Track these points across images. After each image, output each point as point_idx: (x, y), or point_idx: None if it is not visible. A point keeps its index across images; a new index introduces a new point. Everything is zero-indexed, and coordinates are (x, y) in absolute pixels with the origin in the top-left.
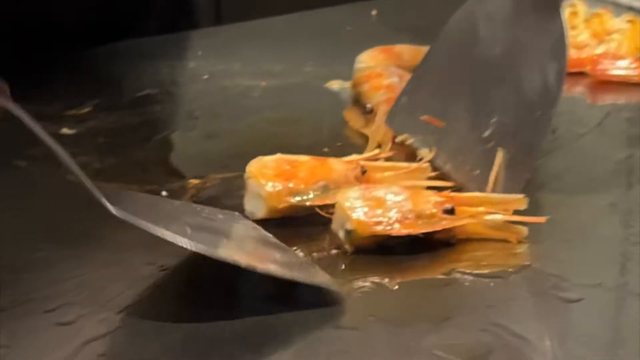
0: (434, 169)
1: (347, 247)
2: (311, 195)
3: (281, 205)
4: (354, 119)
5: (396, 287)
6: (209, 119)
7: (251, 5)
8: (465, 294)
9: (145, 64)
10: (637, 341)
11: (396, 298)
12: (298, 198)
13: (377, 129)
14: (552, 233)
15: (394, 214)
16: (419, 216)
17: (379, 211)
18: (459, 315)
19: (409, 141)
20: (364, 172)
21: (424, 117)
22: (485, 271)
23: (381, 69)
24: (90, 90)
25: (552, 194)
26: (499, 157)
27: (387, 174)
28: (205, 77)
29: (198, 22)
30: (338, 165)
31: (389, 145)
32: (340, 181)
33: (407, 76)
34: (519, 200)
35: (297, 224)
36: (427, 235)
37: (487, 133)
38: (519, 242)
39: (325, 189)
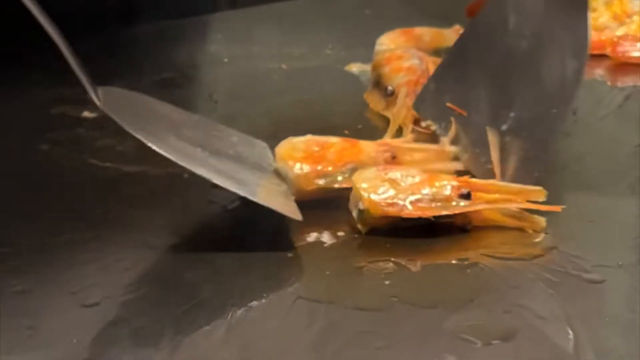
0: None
1: (359, 226)
2: (339, 178)
3: (309, 188)
4: (374, 101)
5: (418, 269)
6: (229, 102)
7: None
8: (488, 276)
9: (165, 47)
10: None
11: (418, 280)
12: (326, 180)
13: (399, 112)
14: (574, 215)
15: (407, 196)
16: (433, 199)
17: (393, 192)
18: (482, 297)
19: (433, 127)
20: (393, 157)
21: (448, 105)
22: (506, 255)
23: (402, 51)
24: (111, 74)
25: (572, 176)
26: (493, 140)
27: (416, 156)
28: (225, 60)
29: (215, 5)
30: (368, 148)
31: (410, 127)
32: (369, 163)
33: (428, 58)
34: (538, 192)
35: (324, 206)
36: (442, 219)
37: (504, 127)
38: (536, 232)
39: (354, 172)
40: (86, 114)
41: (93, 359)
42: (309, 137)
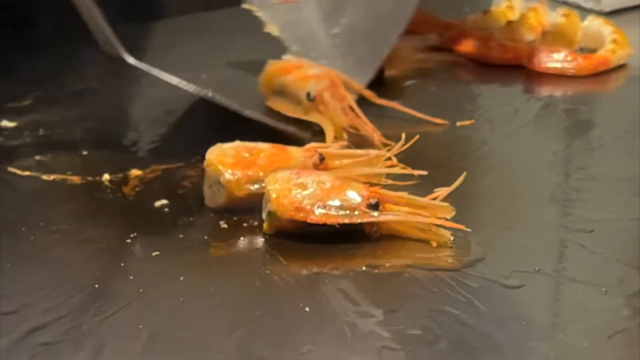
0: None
1: (265, 227)
2: None
3: (241, 193)
4: (284, 107)
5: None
6: (151, 111)
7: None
8: (406, 283)
9: (87, 55)
10: (576, 324)
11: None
12: (257, 186)
13: (336, 116)
14: (491, 222)
15: (316, 202)
16: (341, 207)
17: (302, 197)
18: (401, 304)
19: (259, 13)
20: (322, 159)
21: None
22: (424, 262)
23: (297, 62)
24: (31, 82)
25: (490, 184)
26: None
27: (345, 161)
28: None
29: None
30: (297, 153)
31: (344, 134)
32: (299, 168)
33: (325, 68)
34: (446, 209)
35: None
36: (350, 226)
37: (336, 30)
38: (441, 245)
39: None
40: (5, 122)
41: None
42: (237, 143)
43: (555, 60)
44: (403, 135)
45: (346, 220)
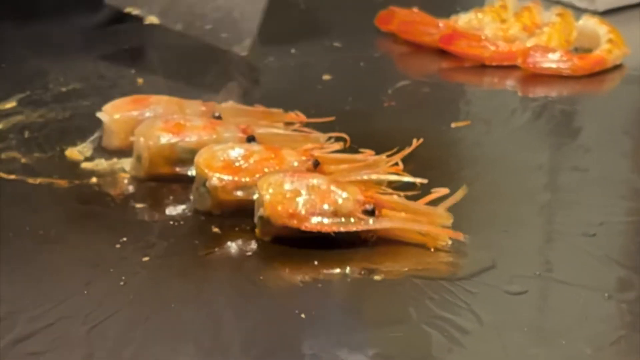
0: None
1: (258, 232)
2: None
3: (228, 198)
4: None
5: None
6: None
7: None
8: (404, 289)
9: (71, 57)
10: (579, 331)
11: (328, 294)
12: (245, 192)
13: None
14: (488, 225)
15: (310, 208)
16: (336, 213)
17: (296, 203)
18: (400, 310)
19: (135, 12)
20: (317, 164)
21: None
22: (421, 267)
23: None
24: (15, 84)
25: (485, 186)
26: None
27: (342, 166)
28: (133, 71)
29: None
30: (290, 157)
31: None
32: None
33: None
34: (444, 216)
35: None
36: (344, 231)
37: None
38: (438, 249)
39: None
40: None
41: None
42: (230, 144)
43: (550, 60)
44: (414, 142)
45: (341, 229)
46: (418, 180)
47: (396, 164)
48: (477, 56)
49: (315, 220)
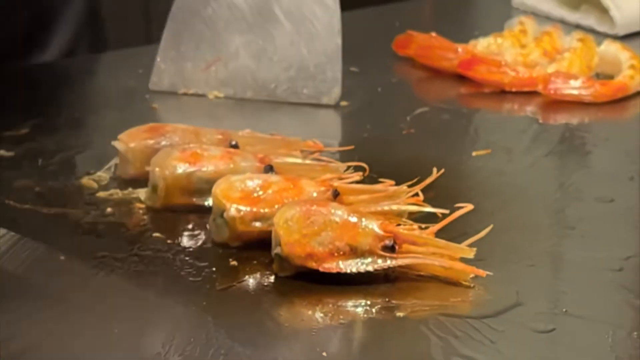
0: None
1: (275, 268)
2: None
3: (246, 230)
4: None
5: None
6: None
7: None
8: (427, 326)
9: (83, 81)
10: None
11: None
12: (263, 223)
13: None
14: (512, 258)
15: (327, 246)
16: (355, 250)
17: (314, 242)
18: (423, 348)
19: (189, 91)
20: (336, 195)
21: (209, 65)
22: (443, 304)
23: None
24: (28, 110)
25: (508, 217)
26: None
27: (361, 196)
28: (147, 96)
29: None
30: (309, 187)
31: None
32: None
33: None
34: (467, 251)
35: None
36: None
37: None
38: (462, 285)
39: None
40: (2, 152)
41: None
42: (248, 175)
43: (571, 87)
44: (434, 172)
45: (361, 270)
46: (439, 211)
47: (417, 194)
48: (497, 82)
49: (334, 261)
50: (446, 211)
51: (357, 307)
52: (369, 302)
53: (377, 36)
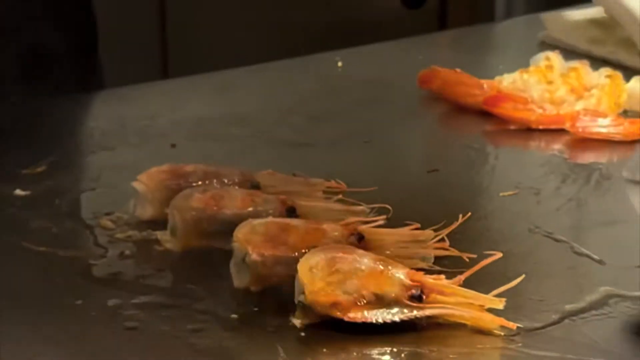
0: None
1: (297, 317)
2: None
3: (268, 274)
4: None
5: None
6: None
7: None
8: None
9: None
10: None
11: None
12: (287, 267)
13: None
14: (545, 307)
15: (353, 294)
16: (381, 299)
17: (339, 291)
18: None
19: None
20: (361, 238)
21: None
22: (471, 352)
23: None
24: (45, 147)
25: (539, 263)
26: None
27: (387, 239)
28: (164, 133)
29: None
30: (333, 231)
31: None
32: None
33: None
34: (496, 301)
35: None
36: None
37: None
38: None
39: None
40: (18, 191)
41: None
42: (270, 219)
43: (600, 125)
44: (460, 216)
45: (387, 320)
46: (465, 255)
47: (442, 239)
48: (523, 119)
49: (359, 310)
50: (474, 255)
51: (383, 354)
52: (395, 350)
53: (401, 70)
